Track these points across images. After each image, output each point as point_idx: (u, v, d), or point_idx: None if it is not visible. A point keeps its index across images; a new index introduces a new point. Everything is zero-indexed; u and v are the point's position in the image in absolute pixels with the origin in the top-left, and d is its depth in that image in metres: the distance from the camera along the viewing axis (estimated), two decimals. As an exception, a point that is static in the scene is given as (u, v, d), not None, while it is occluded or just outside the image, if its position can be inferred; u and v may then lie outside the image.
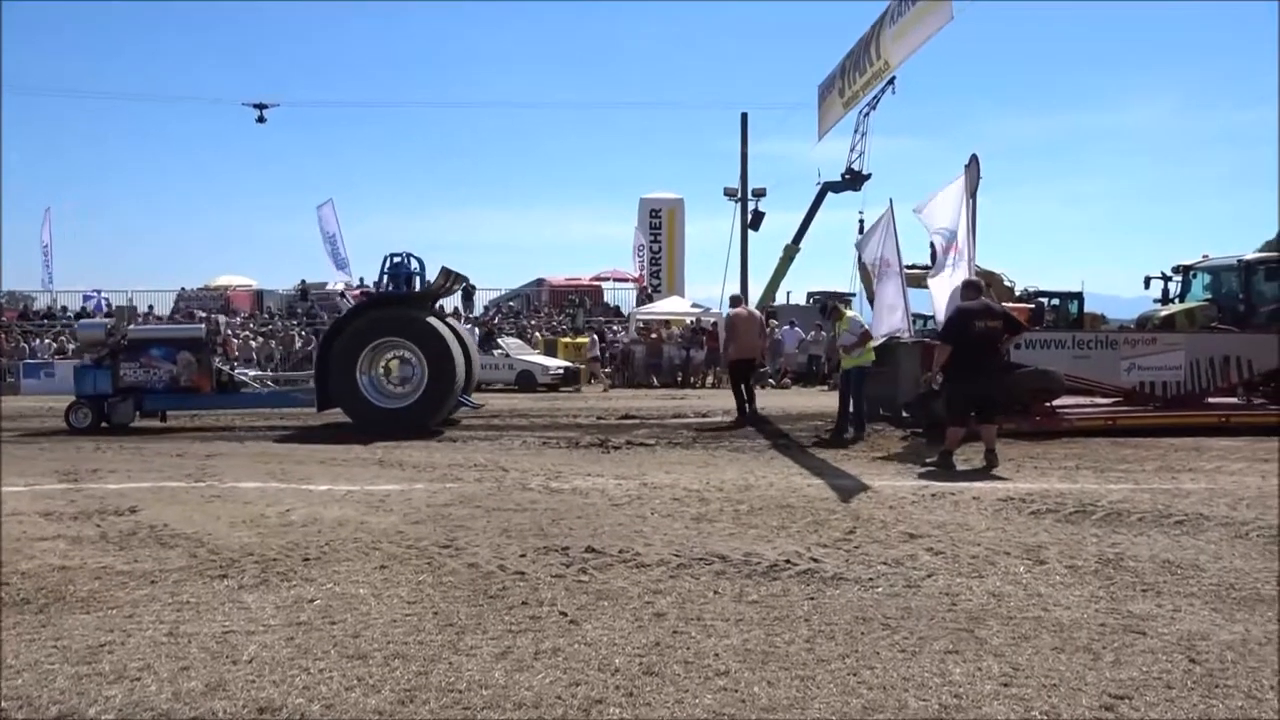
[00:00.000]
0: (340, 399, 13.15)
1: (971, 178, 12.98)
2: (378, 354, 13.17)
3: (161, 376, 13.74)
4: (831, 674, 3.81)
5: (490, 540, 6.09)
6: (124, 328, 14.57)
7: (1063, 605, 4.70)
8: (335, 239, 34.37)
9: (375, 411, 12.91)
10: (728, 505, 7.28)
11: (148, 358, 13.77)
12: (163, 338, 14.60)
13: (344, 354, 13.00)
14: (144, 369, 13.73)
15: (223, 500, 7.63)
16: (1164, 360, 12.72)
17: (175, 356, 13.75)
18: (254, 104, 34.43)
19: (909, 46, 12.54)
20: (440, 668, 3.87)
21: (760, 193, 30.90)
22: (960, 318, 9.67)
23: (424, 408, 12.96)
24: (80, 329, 15.37)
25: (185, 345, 14.03)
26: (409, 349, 13.14)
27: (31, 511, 7.11)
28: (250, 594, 4.94)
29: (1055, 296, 24.89)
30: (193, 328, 16.66)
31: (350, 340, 13.09)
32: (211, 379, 13.97)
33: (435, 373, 12.97)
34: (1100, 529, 6.41)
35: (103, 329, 14.38)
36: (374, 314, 13.57)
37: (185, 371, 13.74)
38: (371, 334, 13.10)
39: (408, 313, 13.58)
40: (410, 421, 12.63)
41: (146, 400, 13.86)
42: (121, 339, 14.04)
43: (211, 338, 14.70)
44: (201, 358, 13.88)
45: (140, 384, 13.75)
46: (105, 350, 13.93)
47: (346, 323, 13.78)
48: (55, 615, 4.62)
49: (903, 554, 5.71)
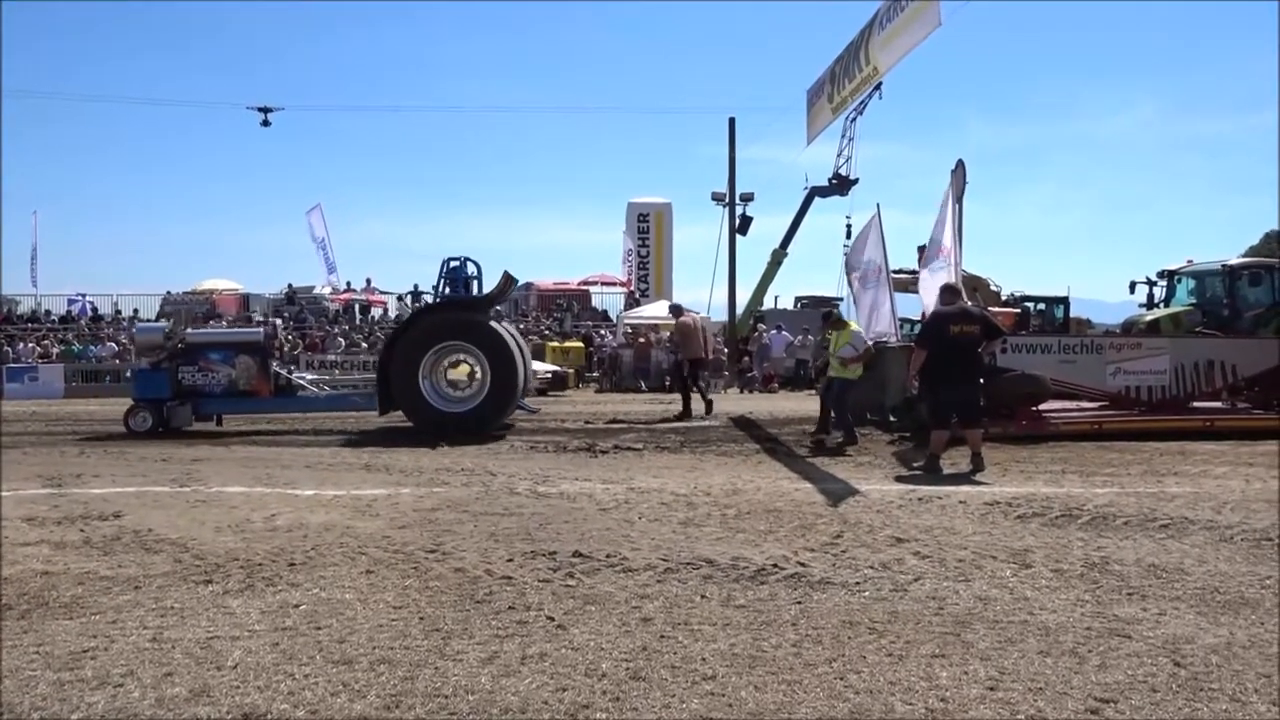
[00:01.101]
0: (402, 402, 13.09)
1: (958, 183, 13.05)
2: (440, 358, 13.13)
3: (220, 380, 13.67)
4: (818, 678, 3.81)
5: (477, 545, 6.08)
6: (182, 331, 14.55)
7: (1049, 609, 4.71)
8: (324, 243, 34.33)
9: (437, 415, 12.88)
10: (715, 510, 7.28)
11: (206, 361, 13.69)
12: (221, 341, 14.52)
13: (407, 357, 12.94)
14: (202, 372, 13.66)
15: (208, 505, 7.58)
16: (1149, 365, 12.78)
17: (234, 360, 13.68)
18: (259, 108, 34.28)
19: (898, 52, 12.61)
20: (426, 673, 3.85)
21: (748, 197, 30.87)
22: (936, 322, 9.72)
23: (486, 411, 12.95)
24: (139, 333, 15.25)
25: (244, 349, 13.94)
26: (472, 353, 13.12)
27: (14, 517, 7.05)
28: (235, 599, 4.91)
29: (1041, 301, 24.98)
30: (251, 331, 16.58)
31: (413, 344, 13.04)
32: (270, 382, 13.89)
33: (497, 377, 12.96)
34: (1086, 533, 6.44)
35: (161, 332, 14.33)
36: (437, 318, 13.54)
37: (244, 375, 13.67)
38: (435, 338, 13.06)
39: (471, 317, 13.54)
40: (472, 425, 12.61)
41: (204, 404, 13.79)
42: (180, 342, 13.97)
43: (269, 341, 14.62)
44: (260, 361, 13.80)
45: (198, 387, 13.66)
46: (163, 354, 13.83)
47: (409, 326, 13.73)
48: (38, 621, 4.58)
49: (890, 558, 5.72)
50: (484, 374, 13.07)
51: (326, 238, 34.47)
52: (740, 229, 30.59)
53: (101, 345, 28.22)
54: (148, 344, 14.34)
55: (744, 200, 30.76)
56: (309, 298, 34.44)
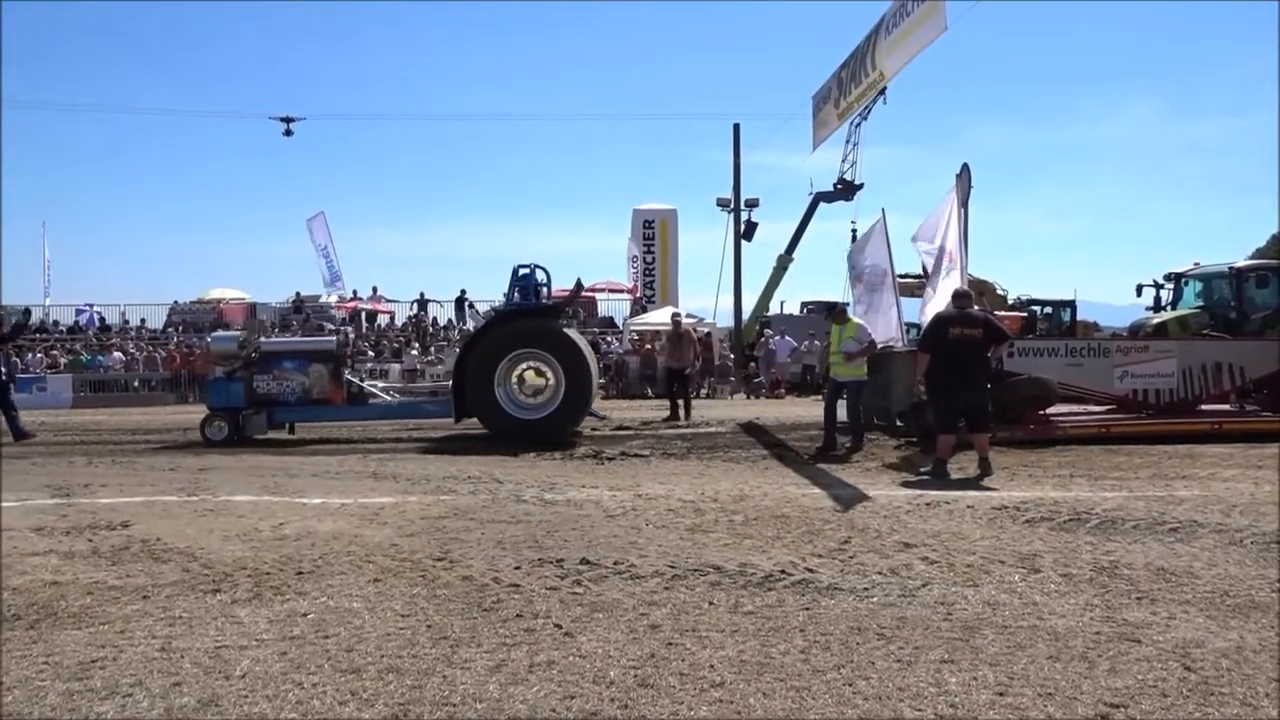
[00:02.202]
0: (477, 410, 13.07)
1: (963, 187, 13.04)
2: (514, 365, 13.12)
3: (294, 388, 13.68)
4: (827, 684, 3.80)
5: (485, 552, 6.08)
6: (256, 340, 14.55)
7: (1058, 614, 4.70)
8: (327, 251, 34.38)
9: (512, 422, 12.85)
10: (723, 516, 7.27)
11: (280, 370, 13.71)
12: (295, 350, 14.50)
13: (481, 365, 12.94)
14: (276, 381, 13.68)
15: (216, 514, 7.59)
16: (1156, 368, 12.74)
17: (307, 368, 13.70)
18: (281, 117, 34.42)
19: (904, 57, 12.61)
20: (435, 681, 3.85)
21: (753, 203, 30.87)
22: (936, 325, 9.73)
23: (560, 419, 12.94)
24: (214, 342, 15.23)
25: (317, 357, 13.95)
26: (546, 360, 13.10)
27: (23, 527, 7.07)
28: (243, 608, 4.92)
29: (1048, 305, 24.93)
30: (325, 340, 16.61)
31: (488, 351, 13.03)
32: (343, 390, 13.93)
33: (572, 384, 12.95)
34: (1095, 537, 6.42)
35: (235, 341, 14.33)
36: (511, 325, 13.52)
37: (317, 383, 13.69)
38: (510, 345, 13.05)
39: (545, 324, 13.56)
40: (546, 433, 12.58)
41: (279, 412, 13.80)
42: (254, 351, 13.99)
43: (342, 349, 14.59)
44: (333, 369, 13.83)
45: (273, 396, 13.69)
46: (238, 363, 13.86)
47: (484, 334, 13.73)
48: (47, 631, 4.59)
49: (898, 563, 5.71)
50: (558, 381, 13.04)
51: (330, 245, 34.54)
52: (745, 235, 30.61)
53: (109, 355, 28.30)
54: (223, 353, 14.36)
55: (749, 206, 30.78)
56: (316, 306, 34.51)
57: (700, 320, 29.21)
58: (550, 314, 14.01)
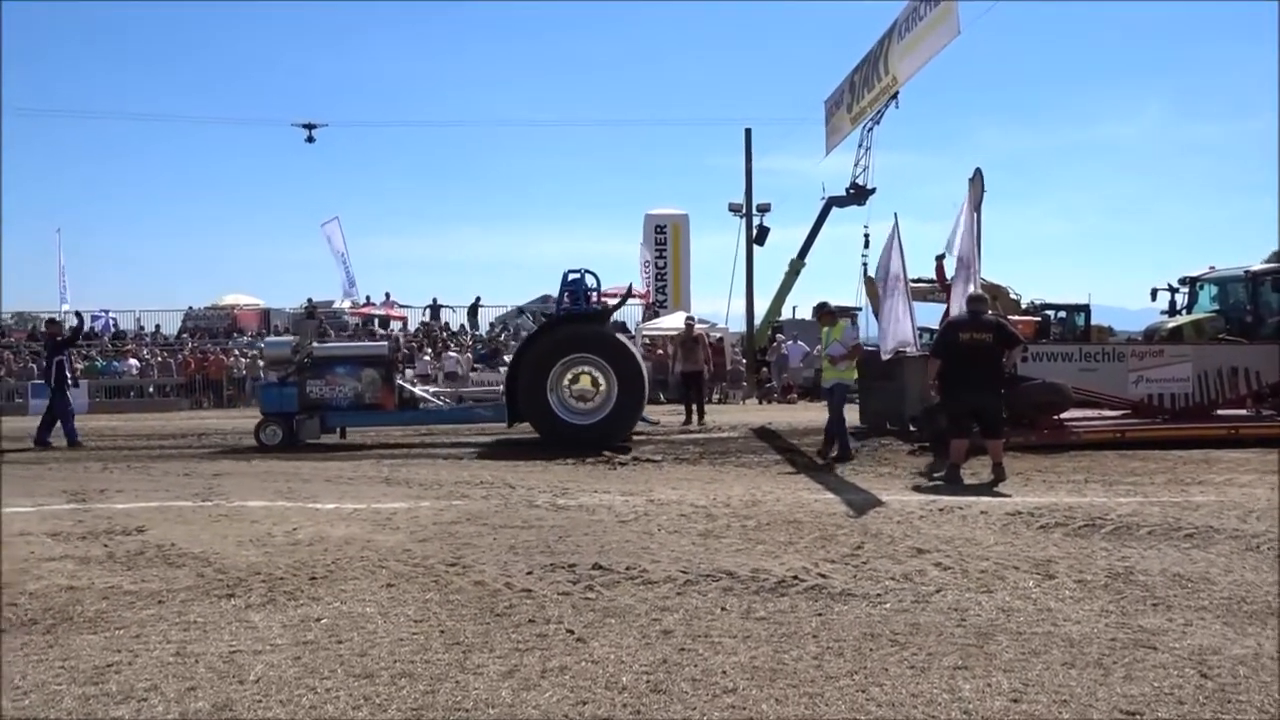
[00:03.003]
0: (530, 414, 13.06)
1: (976, 191, 13.00)
2: (566, 370, 13.07)
3: (346, 393, 13.69)
4: (840, 691, 3.79)
5: (497, 558, 6.08)
6: (309, 345, 14.60)
7: (1073, 620, 4.68)
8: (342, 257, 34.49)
9: (564, 427, 12.82)
10: (735, 521, 7.26)
11: (333, 375, 13.73)
12: (347, 355, 14.54)
13: (534, 370, 12.92)
14: (329, 386, 13.69)
15: (230, 519, 7.62)
16: (1172, 372, 12.68)
17: (359, 373, 13.72)
18: (303, 124, 34.58)
19: (917, 61, 12.60)
20: (447, 686, 3.86)
21: (765, 208, 30.82)
22: (946, 330, 9.73)
23: (613, 424, 12.90)
24: (267, 347, 15.37)
25: (369, 362, 13.98)
26: (599, 365, 13.05)
27: (39, 532, 7.11)
28: (257, 613, 4.93)
29: (1062, 309, 24.82)
30: (376, 345, 16.73)
31: (541, 356, 13.02)
32: (395, 396, 13.95)
33: (625, 389, 12.92)
34: (1110, 543, 6.38)
35: (289, 347, 14.40)
36: (564, 330, 13.51)
37: (369, 389, 13.70)
38: (563, 350, 13.02)
39: (598, 329, 13.58)
40: (599, 438, 12.54)
41: (330, 417, 13.81)
42: (307, 357, 14.04)
43: (394, 354, 14.61)
44: (385, 374, 13.86)
45: (325, 401, 13.71)
46: (291, 368, 13.94)
47: (537, 339, 13.75)
48: (63, 635, 4.62)
49: (911, 569, 5.69)
50: (610, 387, 12.99)
51: (345, 251, 34.65)
52: (758, 239, 30.58)
53: (124, 361, 28.45)
54: (276, 358, 14.46)
55: (761, 211, 30.76)
56: (328, 312, 34.60)
57: (712, 325, 29.19)
58: (601, 319, 14.02)
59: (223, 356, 28.39)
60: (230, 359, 28.26)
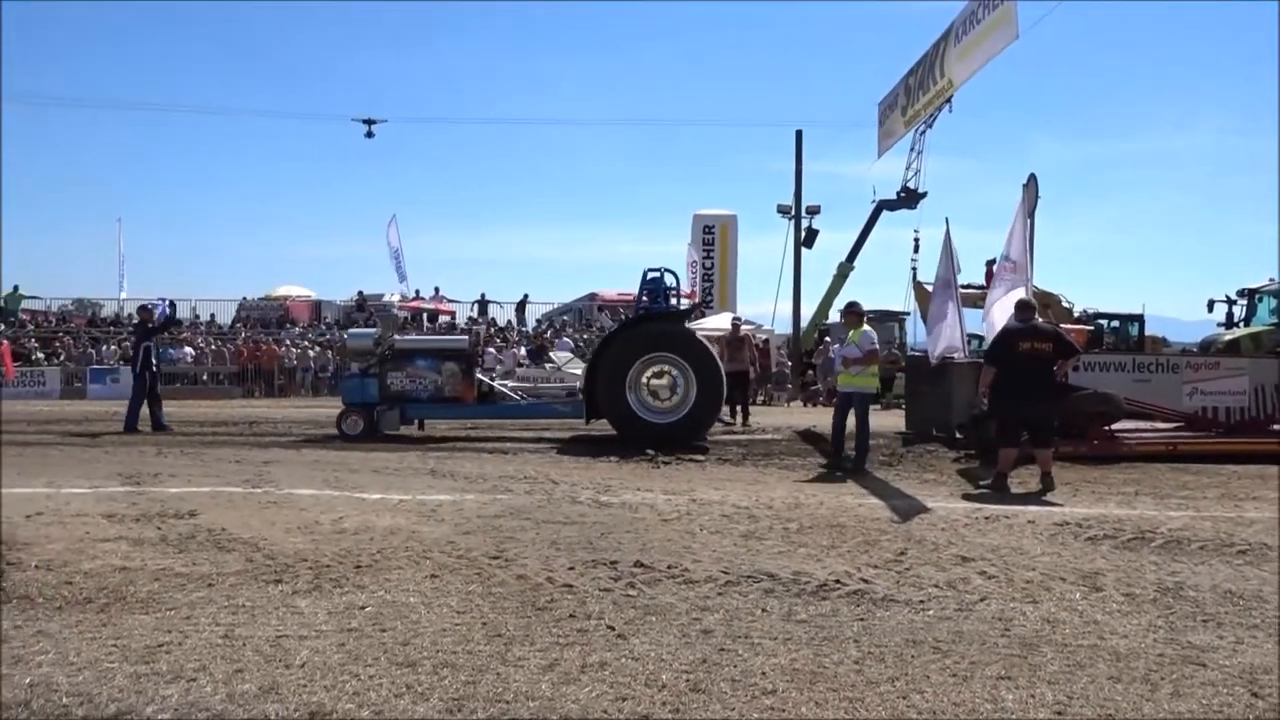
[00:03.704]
0: (608, 412, 13.12)
1: (1030, 198, 12.83)
2: (645, 368, 13.12)
3: (426, 386, 13.88)
4: (880, 696, 3.77)
5: (539, 552, 6.13)
6: (390, 338, 14.81)
7: (1119, 634, 4.61)
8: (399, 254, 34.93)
9: (643, 425, 12.84)
10: (777, 523, 7.24)
11: (413, 368, 13.92)
12: (428, 348, 14.71)
13: (614, 367, 12.98)
14: (409, 378, 13.88)
15: (279, 506, 7.75)
16: (1227, 385, 12.42)
17: (440, 367, 13.90)
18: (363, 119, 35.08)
19: (974, 64, 12.47)
20: (488, 678, 3.89)
21: (814, 210, 30.59)
22: (1005, 338, 9.57)
23: (691, 423, 12.92)
24: (350, 339, 15.60)
25: (450, 356, 14.15)
26: (677, 364, 13.07)
27: (95, 513, 7.29)
28: (303, 599, 5.02)
29: (1115, 319, 24.43)
30: (457, 339, 16.89)
31: (621, 354, 13.07)
32: (474, 389, 14.11)
33: (704, 388, 12.92)
34: (1159, 557, 6.27)
35: (371, 339, 14.62)
36: (645, 329, 13.59)
37: (450, 382, 13.87)
38: (642, 349, 13.06)
39: (678, 328, 13.62)
40: (677, 437, 12.57)
41: (410, 409, 14.00)
42: (388, 349, 14.25)
43: (474, 348, 14.75)
44: (465, 368, 14.04)
45: (406, 393, 13.89)
46: (373, 360, 14.15)
47: (616, 337, 13.82)
48: (115, 615, 4.73)
49: (955, 577, 5.63)
50: (689, 386, 12.99)
51: (400, 248, 35.08)
52: (806, 242, 30.36)
53: (180, 349, 28.99)
54: (358, 350, 14.67)
55: (810, 213, 30.53)
56: (379, 305, 35.02)
57: (758, 327, 29.07)
58: (681, 318, 14.02)
59: (275, 346, 28.85)
60: (282, 349, 28.69)
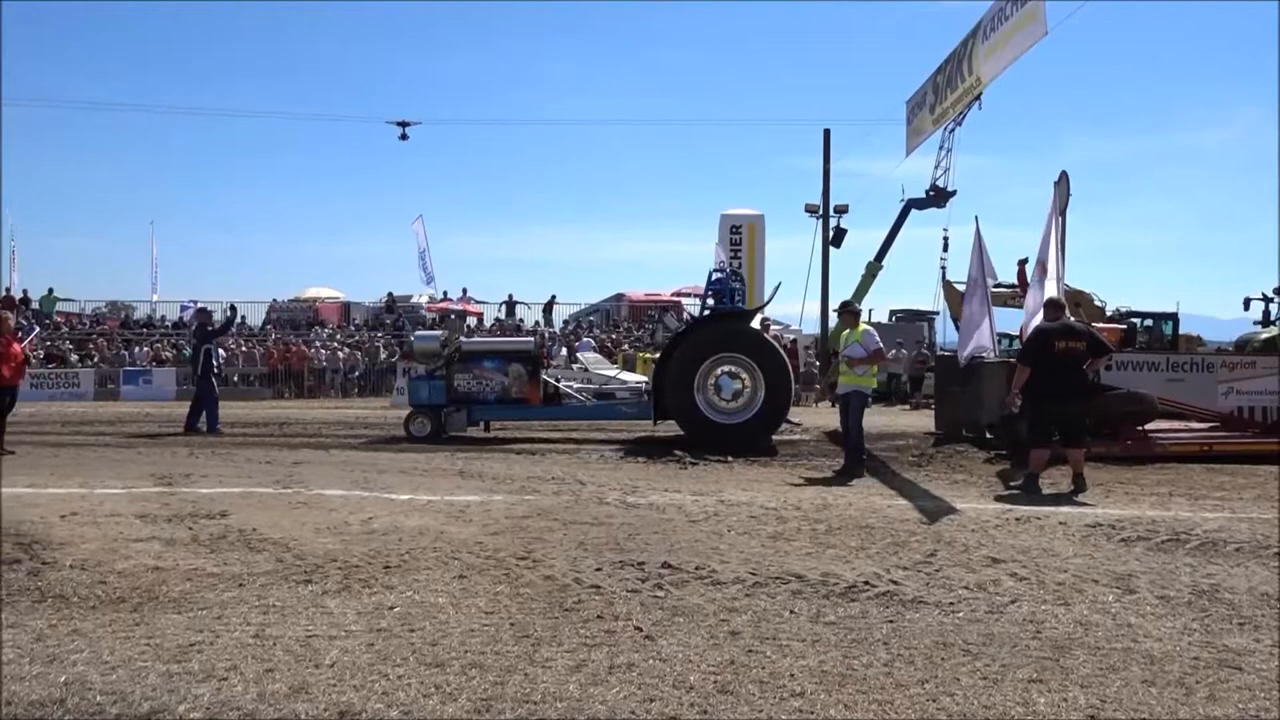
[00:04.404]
0: (676, 413, 13.09)
1: (1061, 195, 12.71)
2: (713, 369, 13.03)
3: (493, 388, 13.93)
4: (910, 699, 3.74)
5: (567, 553, 6.13)
6: (457, 340, 14.91)
7: (1154, 637, 4.54)
8: (425, 254, 35.14)
9: (711, 426, 12.77)
10: (805, 524, 7.21)
11: (480, 369, 13.99)
12: (495, 350, 14.80)
13: (682, 368, 12.93)
14: (476, 380, 13.95)
15: (309, 507, 7.81)
16: (1264, 385, 12.26)
17: (506, 368, 13.96)
18: (398, 122, 35.34)
19: (1003, 61, 12.36)
20: (516, 678, 3.90)
21: (842, 209, 30.49)
22: (1039, 338, 9.45)
23: (760, 424, 12.86)
24: (417, 341, 15.69)
25: (516, 357, 14.22)
26: (745, 365, 12.99)
27: (128, 513, 7.37)
28: (333, 599, 5.05)
29: (1148, 317, 24.16)
30: (523, 340, 16.97)
31: (689, 354, 13.03)
32: (540, 390, 14.15)
33: (772, 390, 12.86)
34: (1194, 559, 6.18)
35: (438, 341, 14.67)
36: (713, 329, 13.57)
37: (516, 383, 13.92)
38: (711, 349, 13.00)
39: (747, 328, 13.59)
40: (745, 438, 12.47)
41: (476, 410, 14.05)
42: (455, 351, 14.30)
43: (540, 350, 14.81)
44: (531, 370, 14.08)
45: (473, 394, 13.95)
46: (440, 361, 14.24)
47: (684, 337, 13.78)
48: (148, 614, 4.78)
49: (985, 578, 5.58)
50: (758, 387, 12.91)
51: (426, 248, 35.29)
52: (834, 241, 30.26)
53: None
54: (425, 352, 14.74)
55: (838, 212, 30.43)
56: (407, 306, 35.24)
57: (786, 327, 28.99)
58: (748, 318, 13.98)
59: (304, 348, 29.09)
60: (311, 350, 28.92)
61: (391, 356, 28.71)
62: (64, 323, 32.88)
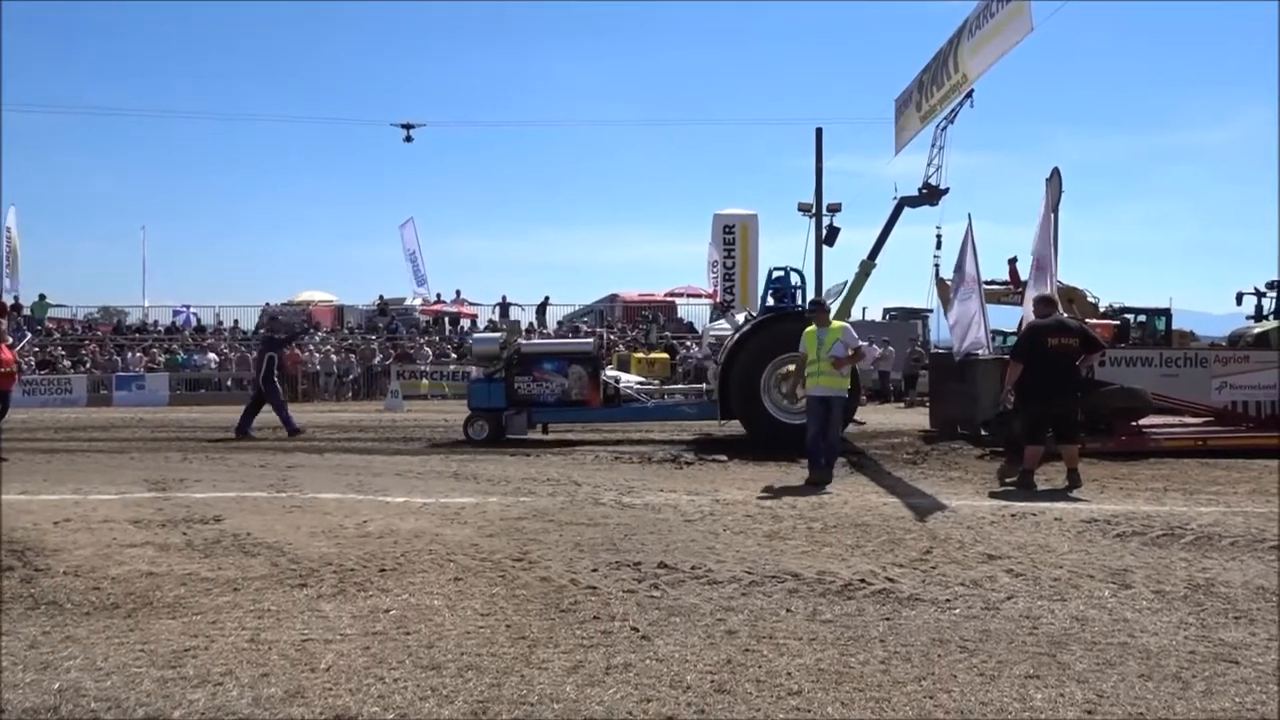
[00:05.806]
0: (742, 413, 13.04)
1: (1053, 192, 12.73)
2: (778, 368, 12.87)
3: (553, 390, 13.86)
4: (907, 696, 3.73)
5: (563, 554, 6.12)
6: (516, 342, 14.82)
7: (1150, 631, 4.55)
8: (416, 257, 35.06)
9: (775, 426, 12.70)
10: (801, 523, 7.20)
11: (540, 371, 13.92)
12: (554, 352, 14.73)
13: (748, 368, 12.87)
14: (536, 382, 13.88)
15: (303, 511, 7.79)
16: (1257, 379, 12.28)
17: (567, 370, 13.88)
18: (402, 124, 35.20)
19: (988, 59, 12.36)
20: (512, 680, 3.89)
21: (835, 208, 30.46)
22: (1032, 334, 9.46)
23: None
24: (475, 344, 15.63)
25: (576, 359, 14.14)
26: None
27: (121, 519, 7.34)
28: (328, 603, 5.03)
29: (1141, 313, 24.21)
30: (583, 342, 16.79)
31: (755, 354, 12.95)
32: (600, 392, 14.06)
33: None
34: (1190, 553, 6.19)
35: (497, 343, 14.58)
36: (778, 329, 13.25)
37: (576, 385, 13.86)
38: (776, 349, 12.78)
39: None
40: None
41: (536, 413, 13.96)
42: (514, 353, 14.21)
43: (600, 351, 14.68)
44: (591, 371, 14.01)
45: (532, 396, 13.87)
46: (499, 364, 14.17)
47: (750, 337, 13.57)
48: (143, 620, 4.76)
49: (981, 575, 5.59)
50: None
51: (418, 251, 35.23)
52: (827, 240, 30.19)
53: (204, 355, 29.24)
54: (484, 354, 14.70)
55: (831, 211, 30.41)
56: (400, 309, 35.18)
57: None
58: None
59: (298, 351, 29.01)
60: (305, 354, 28.86)
61: (385, 360, 28.68)
62: (56, 329, 32.77)
